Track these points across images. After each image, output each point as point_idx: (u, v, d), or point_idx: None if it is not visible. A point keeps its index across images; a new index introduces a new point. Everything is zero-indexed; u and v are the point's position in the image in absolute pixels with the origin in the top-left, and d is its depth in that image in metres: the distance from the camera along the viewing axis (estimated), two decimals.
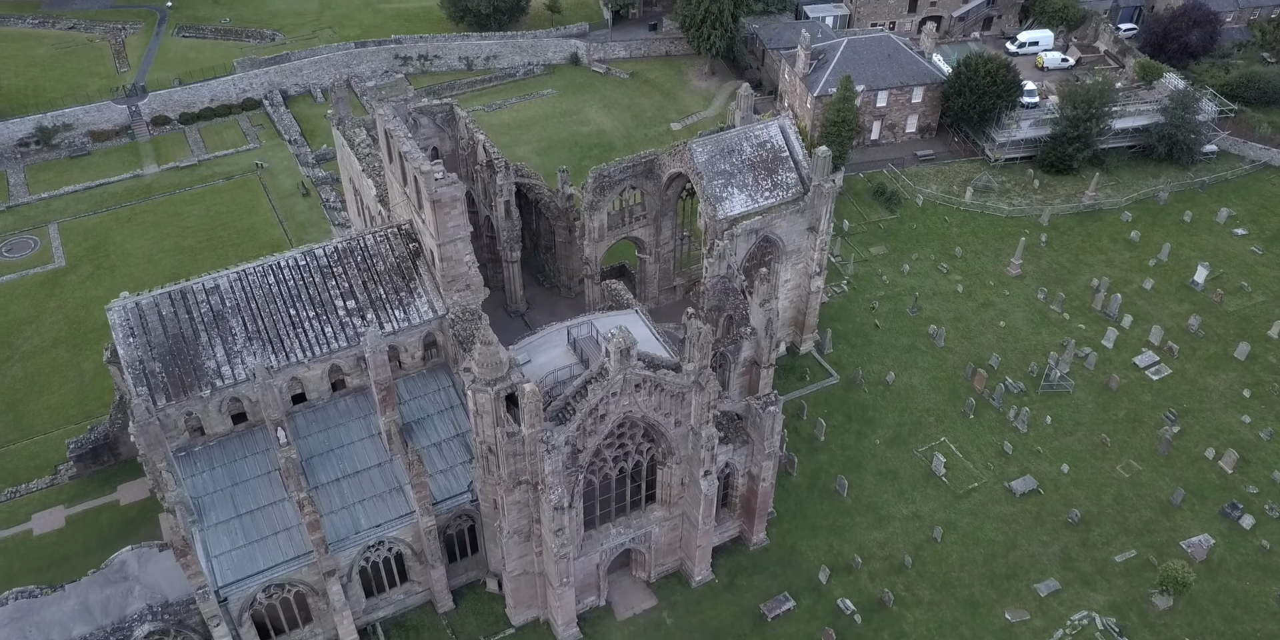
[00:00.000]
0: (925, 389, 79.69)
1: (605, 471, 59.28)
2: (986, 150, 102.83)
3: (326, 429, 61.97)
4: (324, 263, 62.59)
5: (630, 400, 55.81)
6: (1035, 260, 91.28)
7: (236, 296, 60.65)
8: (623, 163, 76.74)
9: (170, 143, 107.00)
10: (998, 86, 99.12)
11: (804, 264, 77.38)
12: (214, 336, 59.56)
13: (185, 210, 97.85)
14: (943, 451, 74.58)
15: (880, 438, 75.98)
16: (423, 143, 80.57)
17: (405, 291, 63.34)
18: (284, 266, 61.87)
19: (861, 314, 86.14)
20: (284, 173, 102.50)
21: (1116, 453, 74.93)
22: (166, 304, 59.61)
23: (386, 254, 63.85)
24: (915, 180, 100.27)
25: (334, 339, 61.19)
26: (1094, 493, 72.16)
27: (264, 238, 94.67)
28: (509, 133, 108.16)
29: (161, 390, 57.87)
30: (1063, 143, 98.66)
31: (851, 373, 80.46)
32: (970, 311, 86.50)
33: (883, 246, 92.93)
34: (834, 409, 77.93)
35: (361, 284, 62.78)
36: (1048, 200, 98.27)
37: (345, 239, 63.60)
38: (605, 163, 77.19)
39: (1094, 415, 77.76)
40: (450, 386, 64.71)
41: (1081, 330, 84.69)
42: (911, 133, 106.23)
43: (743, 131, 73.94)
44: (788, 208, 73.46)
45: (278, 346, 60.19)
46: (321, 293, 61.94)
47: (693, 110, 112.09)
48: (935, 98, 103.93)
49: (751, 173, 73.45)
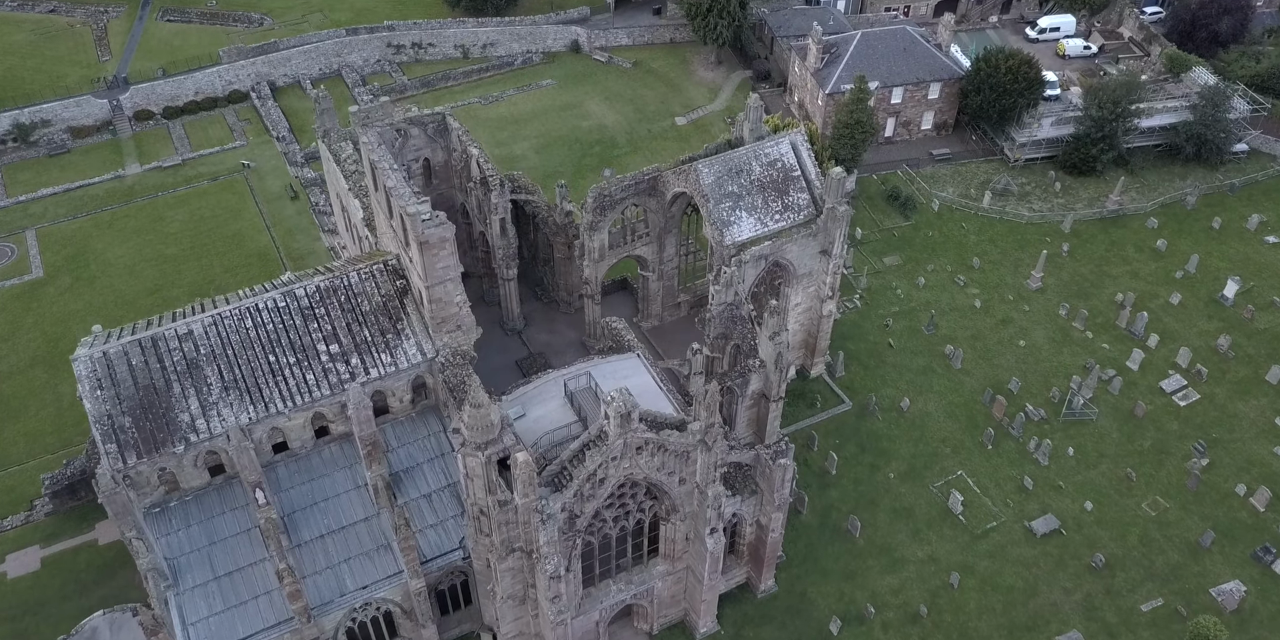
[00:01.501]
0: (941, 416, 76.01)
1: (605, 532, 55.84)
2: (1005, 150, 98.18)
3: (310, 480, 58.52)
4: (305, 304, 58.67)
5: (631, 463, 52.20)
6: (1056, 272, 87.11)
7: (211, 343, 56.83)
8: (624, 180, 72.47)
9: (153, 139, 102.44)
10: (1019, 84, 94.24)
11: (816, 287, 73.36)
12: (188, 387, 55.85)
13: (168, 215, 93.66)
14: (960, 487, 71.11)
15: (895, 471, 72.46)
16: (413, 154, 76.64)
17: (392, 333, 59.50)
18: (262, 309, 57.96)
19: (875, 332, 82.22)
20: (272, 173, 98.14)
21: (1142, 488, 71.43)
22: (136, 352, 55.82)
23: (372, 292, 59.91)
24: (931, 182, 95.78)
25: (316, 387, 57.48)
26: (1119, 533, 68.77)
27: (250, 245, 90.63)
28: (506, 128, 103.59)
29: (132, 447, 54.30)
30: (1086, 144, 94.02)
31: (864, 398, 76.78)
32: (988, 329, 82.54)
33: (897, 256, 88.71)
34: (846, 439, 74.34)
35: (345, 326, 58.92)
36: (1069, 205, 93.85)
37: (328, 277, 59.56)
38: (604, 181, 72.84)
39: (1118, 446, 74.12)
40: (441, 431, 61.13)
41: (1105, 350, 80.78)
42: (927, 129, 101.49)
43: (752, 150, 69.54)
44: (799, 231, 69.30)
45: (256, 396, 56.50)
46: (303, 337, 58.10)
47: (698, 103, 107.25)
48: (953, 93, 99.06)
49: (761, 194, 69.18)
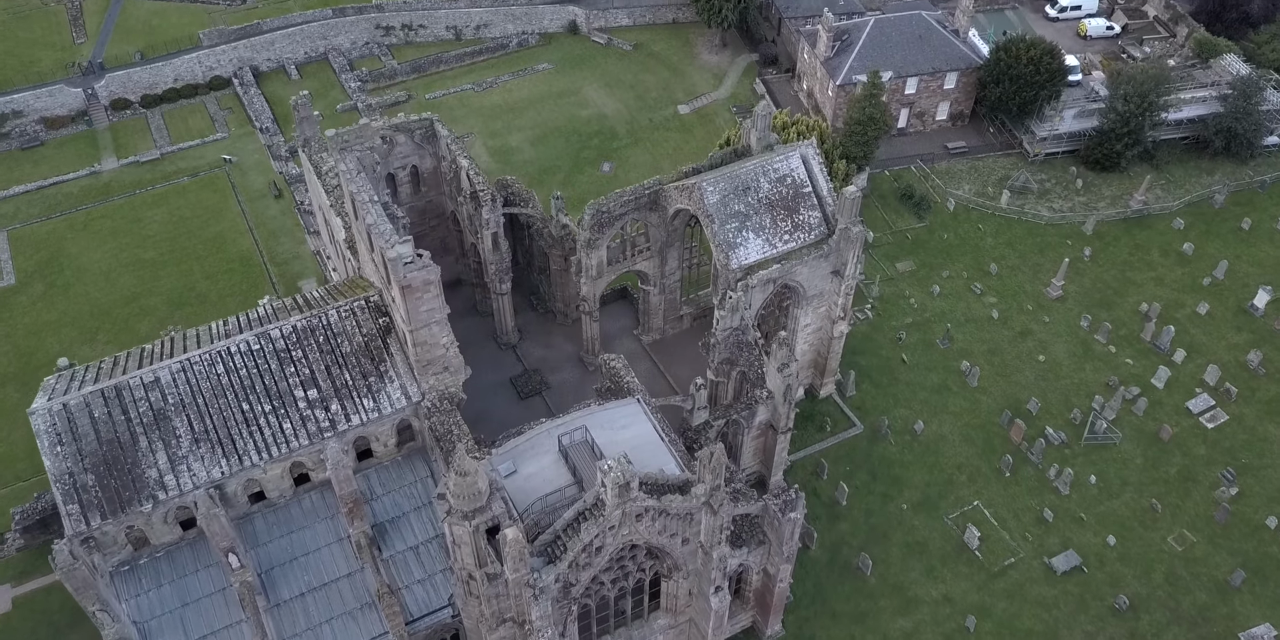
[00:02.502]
0: (957, 440, 72.39)
1: (603, 594, 52.46)
2: (1025, 144, 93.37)
3: (289, 533, 55.07)
4: (281, 346, 54.74)
5: (631, 530, 48.63)
6: (1078, 278, 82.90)
7: (180, 391, 53.02)
8: (624, 195, 68.08)
9: (131, 131, 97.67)
10: (1041, 76, 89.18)
11: (827, 308, 69.29)
12: (155, 440, 52.16)
13: (146, 215, 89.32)
14: (976, 519, 67.72)
15: (908, 501, 69.01)
16: (400, 161, 72.43)
17: (375, 376, 55.64)
18: (234, 353, 54.05)
19: (888, 346, 78.28)
20: (254, 168, 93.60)
21: (1168, 520, 68.01)
22: (99, 404, 52.00)
23: (353, 332, 55.96)
24: (946, 179, 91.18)
25: (294, 437, 53.80)
26: (1143, 571, 65.49)
27: (232, 249, 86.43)
28: (501, 117, 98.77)
29: (95, 507, 50.75)
30: (1110, 139, 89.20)
31: (876, 420, 73.10)
32: (1006, 342, 78.58)
33: (910, 261, 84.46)
34: (857, 466, 70.79)
35: (324, 369, 55.05)
36: (1091, 204, 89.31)
37: (305, 315, 55.51)
38: (604, 196, 68.33)
39: (1143, 473, 70.58)
40: (428, 476, 57.58)
41: (1129, 366, 76.89)
42: (942, 120, 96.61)
43: (760, 165, 65.06)
44: (810, 252, 65.07)
45: (229, 449, 52.83)
46: (279, 382, 54.26)
47: (702, 90, 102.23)
48: (970, 83, 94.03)
49: (769, 213, 64.85)
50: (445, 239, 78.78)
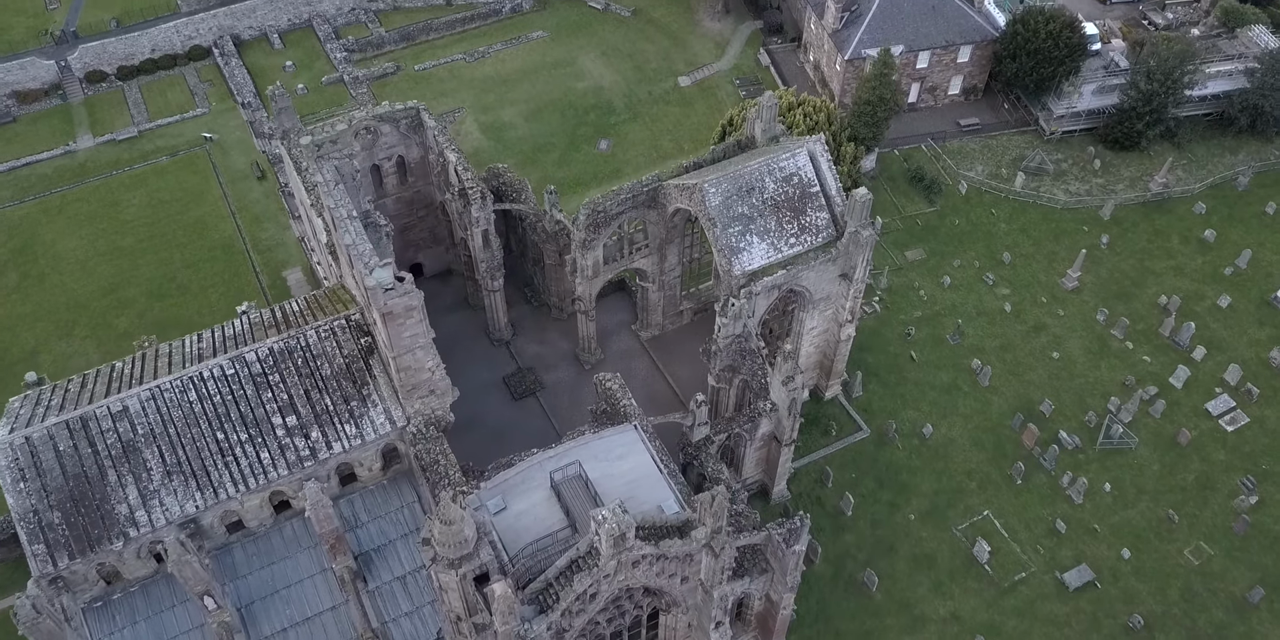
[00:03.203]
0: (967, 444, 69.72)
1: (599, 633, 50.09)
2: (1041, 121, 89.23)
3: (270, 564, 52.60)
4: (257, 371, 51.70)
5: (627, 576, 46.10)
6: (1095, 267, 79.51)
7: (150, 421, 50.12)
8: (620, 194, 64.58)
9: (107, 105, 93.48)
10: (1060, 50, 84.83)
11: (834, 311, 66.12)
12: (124, 474, 49.41)
13: (124, 198, 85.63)
14: (986, 530, 65.33)
15: (915, 510, 66.55)
16: (385, 152, 69.02)
17: (357, 400, 52.68)
18: (207, 379, 51.03)
19: (896, 342, 75.24)
20: (236, 147, 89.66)
21: (1185, 531, 65.61)
22: (64, 436, 49.14)
23: (333, 353, 52.86)
24: (958, 159, 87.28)
25: (272, 467, 51.04)
26: (1159, 586, 63.23)
27: (214, 235, 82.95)
28: (493, 90, 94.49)
29: (63, 546, 48.17)
30: (1131, 117, 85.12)
31: (883, 423, 70.36)
32: (1019, 338, 75.51)
33: (921, 249, 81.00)
34: (863, 472, 68.22)
35: (303, 394, 52.06)
36: (1109, 186, 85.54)
37: (283, 337, 52.35)
38: (601, 195, 64.83)
39: (1159, 480, 68.03)
40: (415, 502, 54.93)
41: (1146, 364, 73.92)
42: (954, 95, 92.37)
43: (765, 164, 61.37)
44: (817, 256, 61.69)
45: (204, 481, 50.11)
46: (255, 409, 51.33)
47: (703, 60, 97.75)
48: (985, 56, 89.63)
49: (775, 215, 61.34)
50: (435, 228, 75.45)
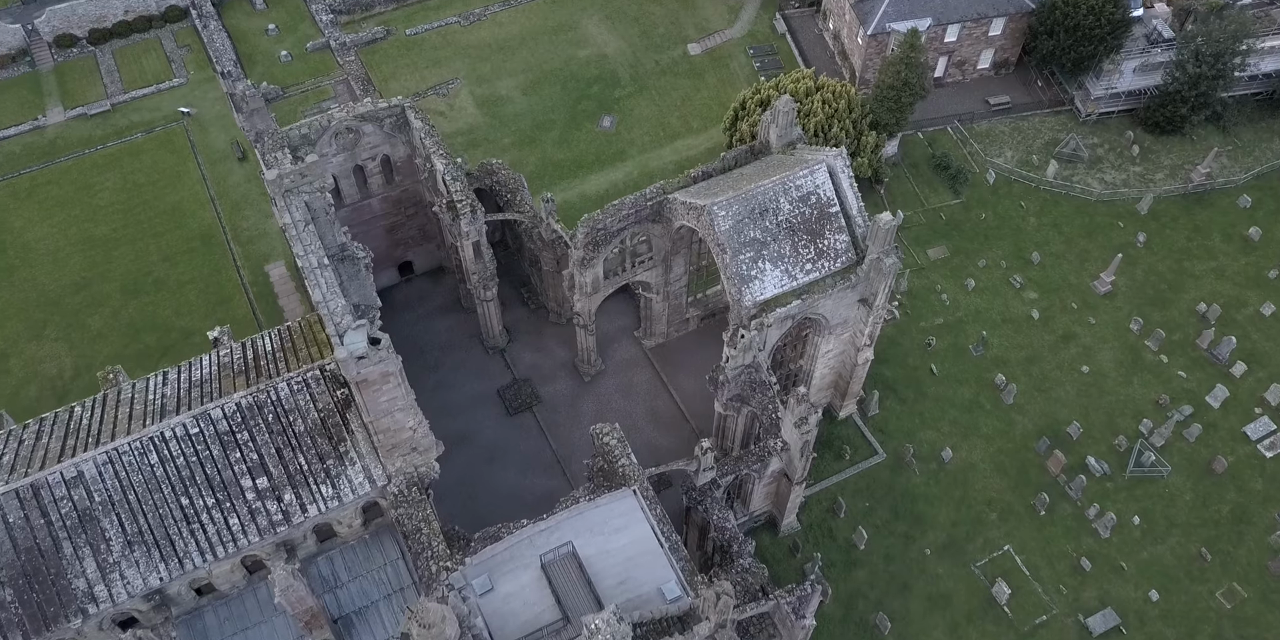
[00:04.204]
0: (988, 469, 65.80)
1: None
2: (1076, 101, 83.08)
3: (244, 629, 49.17)
4: (224, 429, 47.50)
5: None
6: (1130, 268, 74.46)
7: (107, 487, 46.13)
8: (622, 208, 59.45)
9: (78, 73, 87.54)
10: (1102, 28, 78.27)
11: (851, 334, 61.52)
12: (81, 546, 45.63)
13: (96, 181, 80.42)
14: (1006, 568, 61.81)
15: (932, 544, 62.96)
16: (369, 152, 64.08)
17: (334, 458, 48.59)
18: (169, 439, 46.87)
19: (915, 352, 70.74)
20: (215, 122, 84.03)
21: (1217, 571, 62.01)
22: (14, 507, 45.21)
23: (306, 408, 48.56)
24: (985, 143, 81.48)
25: (242, 533, 47.22)
26: (1187, 633, 59.93)
27: (192, 224, 78.01)
28: (490, 58, 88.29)
29: (16, 626, 44.68)
30: (1175, 101, 79.00)
31: (900, 446, 66.38)
32: (1047, 349, 70.93)
33: (944, 247, 75.90)
34: (878, 501, 64.47)
35: (275, 453, 47.95)
36: (1148, 175, 79.86)
37: (251, 391, 48.02)
38: (599, 209, 59.60)
39: (1192, 511, 64.21)
40: (399, 559, 51.24)
41: (1181, 380, 69.47)
42: (984, 69, 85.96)
43: (780, 183, 56.02)
44: (835, 283, 56.80)
45: (168, 551, 46.36)
46: (222, 471, 47.30)
47: (715, 26, 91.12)
48: (1019, 29, 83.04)
49: (790, 239, 56.27)
50: (425, 226, 70.76)
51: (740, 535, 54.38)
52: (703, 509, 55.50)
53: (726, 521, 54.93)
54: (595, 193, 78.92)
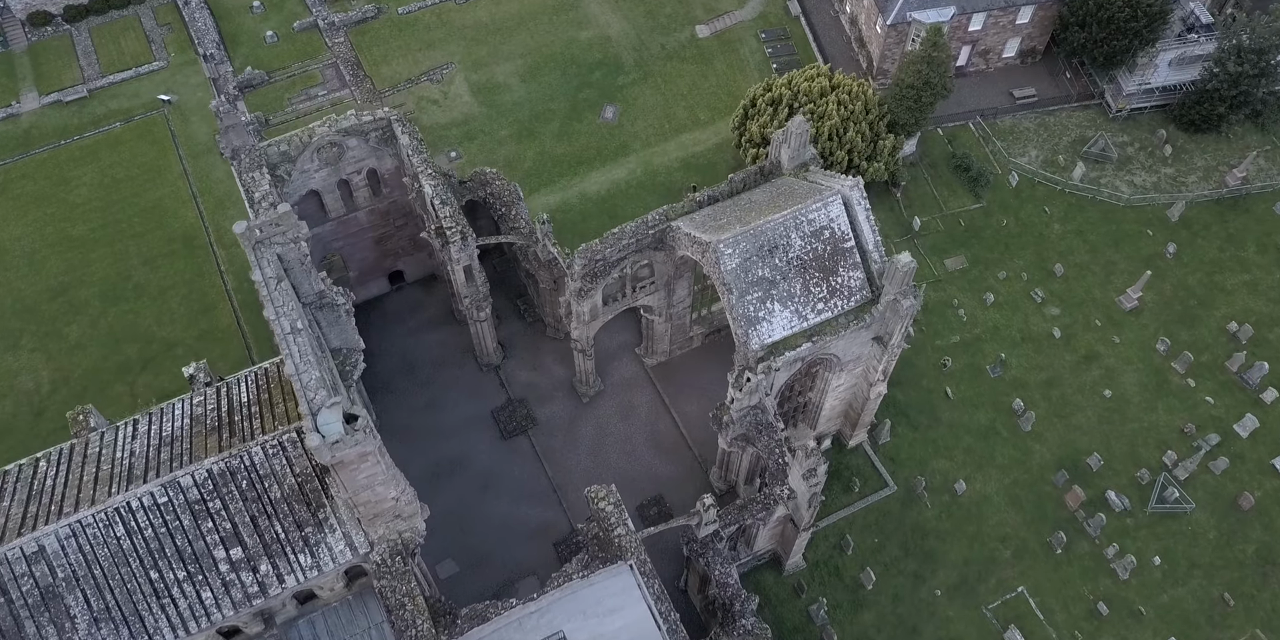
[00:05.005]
0: (1003, 503, 63.01)
1: None
2: (1107, 96, 78.43)
3: None
4: (194, 497, 44.61)
5: None
6: (1158, 282, 70.77)
7: (71, 562, 43.42)
8: (622, 238, 55.78)
9: (54, 55, 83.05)
10: (1138, 21, 73.34)
11: (864, 369, 58.24)
12: (44, 624, 43.07)
13: (73, 175, 76.58)
14: (1019, 611, 59.36)
15: (942, 584, 60.44)
16: (355, 165, 60.37)
17: (312, 525, 45.77)
18: (136, 510, 44.02)
19: (930, 373, 67.51)
20: (197, 111, 79.74)
21: (1240, 617, 59.52)
22: None
23: (283, 473, 45.60)
24: (1009, 141, 77.13)
25: (216, 607, 44.61)
26: None
27: (174, 223, 74.38)
28: (486, 41, 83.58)
29: None
30: (1213, 99, 74.43)
31: (911, 477, 63.53)
32: (1068, 370, 67.64)
33: (962, 257, 72.12)
34: (887, 536, 61.82)
35: (249, 521, 45.13)
36: (1180, 178, 75.64)
37: (223, 457, 45.01)
38: (596, 239, 55.85)
39: (1215, 552, 61.51)
40: (384, 622, 48.72)
41: (1209, 406, 66.27)
42: (1009, 57, 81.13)
43: (791, 217, 52.21)
44: (848, 323, 53.32)
45: (136, 628, 43.81)
46: (194, 542, 44.53)
47: (724, 7, 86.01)
48: (1048, 17, 78.10)
49: (801, 277, 52.68)
50: (415, 236, 67.19)
51: (743, 593, 51.87)
52: (704, 562, 52.88)
53: (729, 577, 52.36)
54: (596, 193, 75.04)
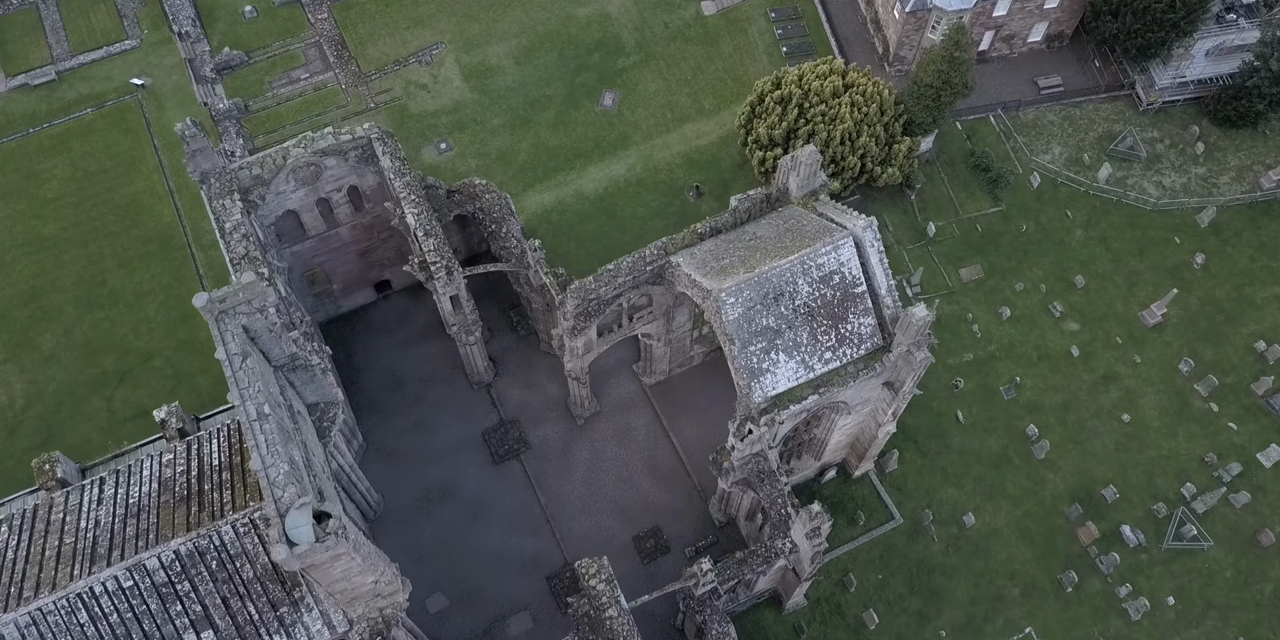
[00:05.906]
0: (1013, 537, 60.73)
1: None
2: (1138, 87, 73.74)
3: None
4: (161, 580, 42.15)
5: None
6: (1184, 295, 67.33)
7: None
8: (616, 275, 52.38)
9: (19, 31, 78.21)
10: (1175, 12, 68.35)
11: (872, 410, 55.29)
12: None
13: (43, 167, 72.65)
14: None
15: (948, 624, 58.54)
16: (334, 184, 56.76)
17: (287, 605, 43.38)
18: (100, 594, 41.61)
19: (941, 395, 64.59)
20: (173, 96, 75.37)
21: None
22: None
23: (255, 552, 43.04)
24: (1031, 136, 72.79)
25: None
26: None
27: (150, 222, 70.77)
28: (479, 18, 78.58)
29: None
30: (1252, 95, 69.88)
31: (918, 509, 61.14)
32: (1085, 392, 64.70)
33: (978, 266, 68.54)
34: (892, 572, 59.70)
35: (221, 603, 42.71)
36: (1212, 178, 71.52)
37: (192, 536, 42.42)
38: (591, 276, 52.37)
39: (1231, 592, 59.40)
40: None
41: (1232, 433, 63.49)
42: (1035, 42, 76.10)
43: (799, 262, 48.65)
44: (858, 373, 50.19)
45: None
46: (162, 626, 42.20)
47: None
48: (1078, 1, 72.99)
49: (808, 326, 49.39)
50: (401, 246, 63.74)
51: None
52: (701, 619, 50.78)
53: (726, 636, 50.27)
54: (593, 191, 71.22)
